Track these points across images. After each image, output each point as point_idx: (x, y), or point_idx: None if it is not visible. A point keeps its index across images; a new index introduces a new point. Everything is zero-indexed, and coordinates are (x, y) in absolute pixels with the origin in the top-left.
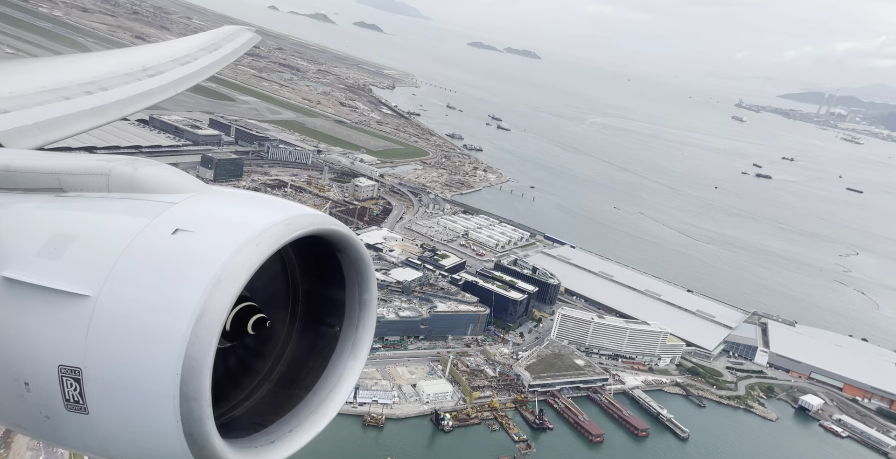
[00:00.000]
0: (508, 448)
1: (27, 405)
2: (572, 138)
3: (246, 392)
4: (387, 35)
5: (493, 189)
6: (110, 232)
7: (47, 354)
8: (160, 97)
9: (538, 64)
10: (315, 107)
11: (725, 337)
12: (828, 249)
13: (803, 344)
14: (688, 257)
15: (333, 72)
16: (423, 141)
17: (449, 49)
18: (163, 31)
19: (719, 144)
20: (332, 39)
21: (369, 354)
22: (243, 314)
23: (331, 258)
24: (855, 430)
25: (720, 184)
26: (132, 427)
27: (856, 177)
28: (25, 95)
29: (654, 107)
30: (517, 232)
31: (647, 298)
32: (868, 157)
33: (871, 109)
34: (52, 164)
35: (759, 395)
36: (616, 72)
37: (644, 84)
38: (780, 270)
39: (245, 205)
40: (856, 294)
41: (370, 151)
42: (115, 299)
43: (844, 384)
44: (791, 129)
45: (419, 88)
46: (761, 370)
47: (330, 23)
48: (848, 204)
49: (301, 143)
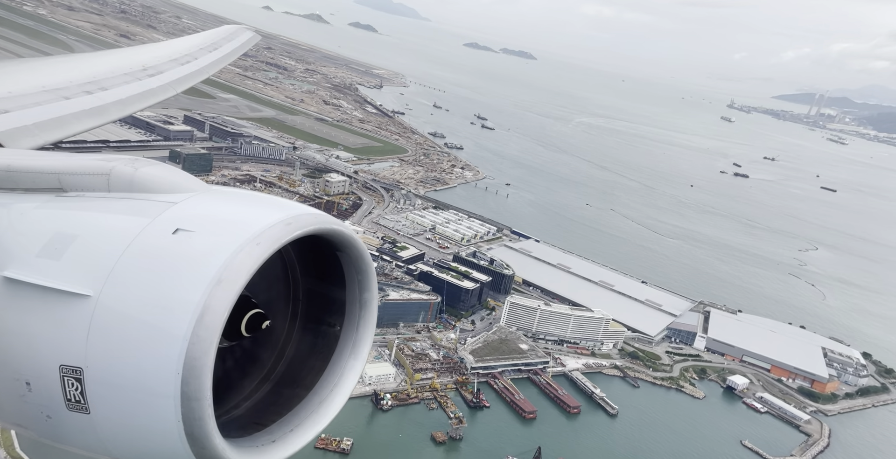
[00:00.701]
0: (444, 424)
1: (29, 405)
2: (556, 137)
3: (247, 392)
4: (381, 35)
5: (468, 186)
6: (111, 232)
7: (48, 354)
8: (160, 97)
9: (533, 64)
10: (297, 105)
11: (669, 324)
12: (789, 244)
13: (740, 330)
14: (650, 251)
15: (321, 71)
16: (403, 139)
17: (444, 50)
18: (149, 29)
19: (703, 144)
20: (324, 39)
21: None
22: (244, 314)
23: (331, 257)
24: (773, 406)
25: (696, 183)
26: (133, 427)
27: (833, 176)
28: (25, 95)
29: (644, 107)
30: (484, 227)
31: (601, 288)
32: (850, 157)
33: (863, 110)
34: (53, 164)
35: (691, 376)
36: (611, 72)
37: (638, 85)
38: (737, 264)
39: (245, 204)
40: (806, 286)
41: (348, 148)
42: (116, 299)
43: (772, 365)
44: (779, 130)
45: (407, 88)
46: (698, 354)
47: (324, 23)
48: (819, 202)
49: (277, 140)
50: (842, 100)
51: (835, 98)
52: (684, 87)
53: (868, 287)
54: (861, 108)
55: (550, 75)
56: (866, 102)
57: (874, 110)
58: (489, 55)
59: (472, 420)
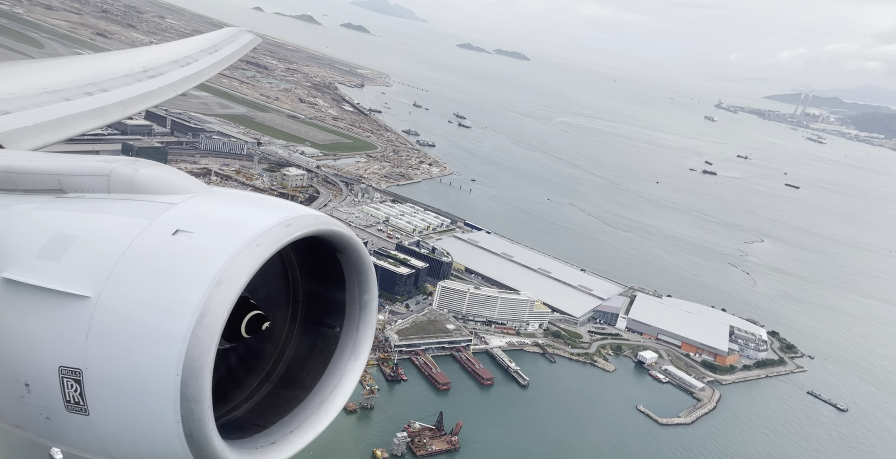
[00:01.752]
0: (358, 396)
1: (28, 406)
2: (532, 136)
3: (246, 393)
4: (372, 36)
5: (433, 181)
6: (111, 233)
7: (48, 355)
8: (161, 98)
9: (525, 65)
10: (271, 103)
11: (596, 306)
12: (737, 237)
13: (660, 311)
14: (600, 242)
15: (302, 70)
16: (376, 136)
17: (436, 50)
18: (129, 28)
19: (680, 143)
20: (312, 40)
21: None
22: (244, 315)
23: (331, 259)
24: (674, 376)
25: (663, 180)
26: (133, 428)
27: (801, 174)
28: (26, 96)
29: (631, 107)
30: (438, 219)
31: (538, 275)
32: (824, 156)
33: (852, 110)
34: (53, 165)
35: (607, 352)
36: (605, 73)
37: (630, 85)
38: (681, 254)
39: (245, 205)
40: (741, 274)
41: (315, 144)
42: (116, 300)
43: (682, 342)
44: (761, 130)
45: (390, 87)
46: (618, 333)
47: (316, 24)
48: (779, 198)
49: (242, 136)
50: (832, 100)
51: (825, 98)
52: (677, 88)
53: (798, 275)
54: (850, 108)
55: (541, 76)
56: (856, 103)
57: (863, 110)
58: (482, 56)
59: (389, 392)
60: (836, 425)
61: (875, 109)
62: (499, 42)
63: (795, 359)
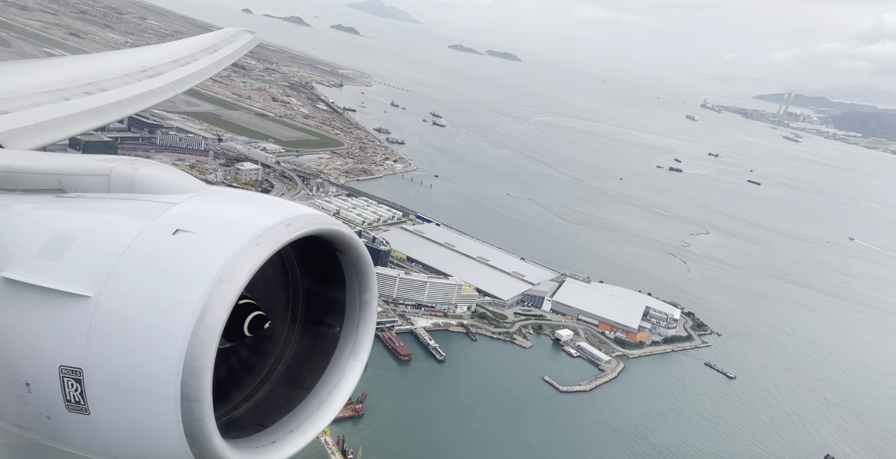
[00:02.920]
0: None
1: (28, 405)
2: (506, 135)
3: (247, 393)
4: (362, 38)
5: (395, 177)
6: (111, 233)
7: (48, 355)
8: (160, 98)
9: (516, 66)
10: (243, 101)
11: (525, 290)
12: (686, 229)
13: (585, 295)
14: (549, 234)
15: (281, 70)
16: (345, 134)
17: (426, 52)
18: (105, 29)
19: (655, 141)
20: (298, 41)
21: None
22: (244, 314)
23: (331, 258)
24: (585, 351)
25: (627, 177)
26: (133, 428)
27: (767, 171)
28: (25, 96)
29: (614, 107)
30: (390, 212)
31: (476, 263)
32: (795, 154)
33: (839, 109)
34: (53, 165)
35: (527, 331)
36: (597, 73)
37: (620, 85)
38: (625, 245)
39: (245, 205)
40: (678, 262)
41: (279, 141)
42: (116, 299)
43: (599, 321)
44: (742, 128)
45: (370, 87)
46: (543, 315)
47: (305, 26)
48: (737, 193)
49: (204, 133)
50: (819, 99)
51: (813, 98)
52: (668, 88)
53: (732, 263)
54: (837, 108)
55: (530, 76)
56: (843, 102)
57: (849, 109)
58: (473, 57)
59: None
60: (723, 390)
61: (861, 108)
62: (492, 43)
63: (704, 336)
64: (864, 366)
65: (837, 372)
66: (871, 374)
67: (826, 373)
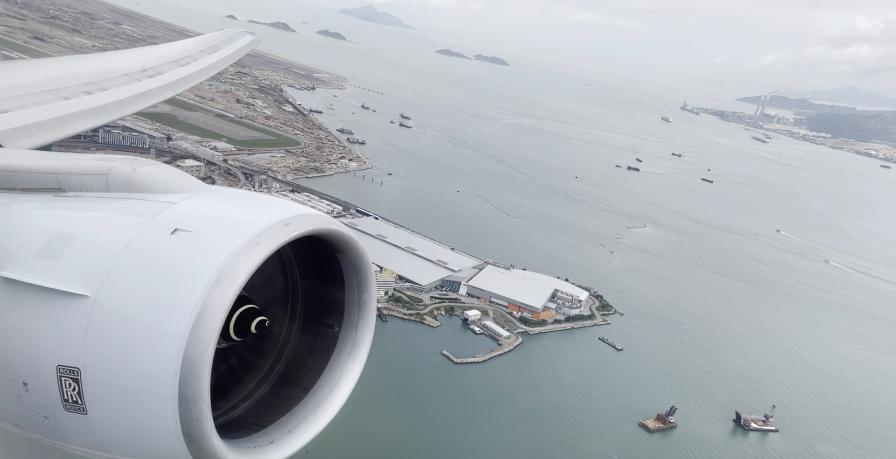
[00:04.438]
0: None
1: (26, 405)
2: (473, 136)
3: (245, 393)
4: (348, 43)
5: (347, 175)
6: (109, 232)
7: (46, 354)
8: (159, 97)
9: (503, 70)
10: (204, 103)
11: (445, 276)
12: (624, 223)
13: (500, 280)
14: (488, 227)
15: (253, 74)
16: (305, 134)
17: (413, 56)
18: (73, 33)
19: (622, 142)
20: (280, 47)
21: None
22: (242, 314)
23: (330, 258)
24: (488, 328)
25: (583, 175)
26: (131, 428)
27: (725, 170)
28: (25, 95)
29: (593, 109)
30: (330, 207)
31: (403, 252)
32: (759, 154)
33: (820, 111)
34: (51, 164)
35: (439, 312)
36: (582, 77)
37: (604, 89)
38: (560, 237)
39: (244, 205)
40: (606, 252)
41: (232, 140)
42: (114, 299)
43: (509, 303)
44: (715, 130)
45: (344, 90)
46: (458, 298)
47: (290, 31)
48: (687, 191)
49: (152, 132)
50: (801, 101)
51: (795, 99)
52: (656, 91)
53: (658, 253)
54: (818, 109)
55: (514, 80)
56: (824, 104)
57: (830, 111)
58: (460, 61)
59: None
60: (607, 359)
61: (839, 110)
62: (482, 47)
63: (607, 316)
64: (742, 339)
65: (717, 344)
66: (747, 345)
67: (706, 345)
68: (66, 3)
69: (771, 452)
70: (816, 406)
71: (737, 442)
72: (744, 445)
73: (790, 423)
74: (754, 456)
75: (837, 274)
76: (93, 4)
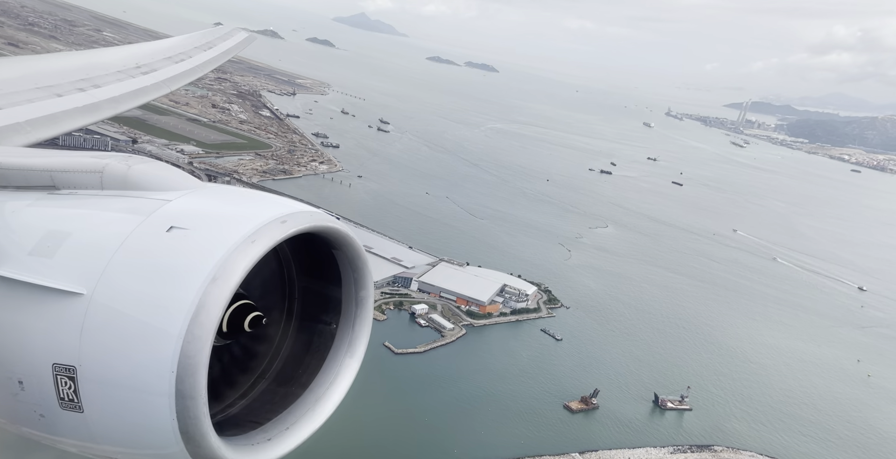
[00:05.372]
0: None
1: (21, 403)
2: (450, 140)
3: (242, 390)
4: (337, 50)
5: (316, 177)
6: (104, 230)
7: (41, 352)
8: (154, 94)
9: (491, 77)
10: (178, 107)
11: (398, 273)
12: (586, 224)
13: (451, 275)
14: (451, 227)
15: (233, 79)
16: (279, 138)
17: (402, 63)
18: (50, 40)
19: (600, 146)
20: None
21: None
22: (239, 311)
23: (327, 255)
24: (434, 321)
25: (555, 178)
26: (127, 426)
27: (697, 173)
28: (17, 92)
29: (577, 115)
30: None
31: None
32: (733, 158)
33: (803, 117)
34: (45, 162)
35: (387, 307)
36: (572, 83)
37: (592, 95)
38: (521, 236)
39: (241, 202)
40: (563, 251)
41: (201, 144)
42: (110, 297)
43: (457, 298)
44: (696, 135)
45: (325, 96)
46: (409, 293)
47: (279, 39)
48: (655, 193)
49: (117, 134)
50: (785, 107)
51: (779, 105)
52: (644, 97)
53: (614, 251)
54: (801, 115)
55: (502, 86)
56: (808, 110)
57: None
58: (450, 68)
59: None
60: (545, 349)
61: (822, 116)
62: (473, 54)
63: (554, 309)
64: (677, 329)
65: (651, 334)
66: (680, 334)
67: (642, 335)
68: (47, 11)
69: (681, 428)
70: (731, 387)
71: (653, 421)
72: (659, 423)
73: (704, 403)
74: (665, 432)
75: (782, 271)
76: (76, 12)
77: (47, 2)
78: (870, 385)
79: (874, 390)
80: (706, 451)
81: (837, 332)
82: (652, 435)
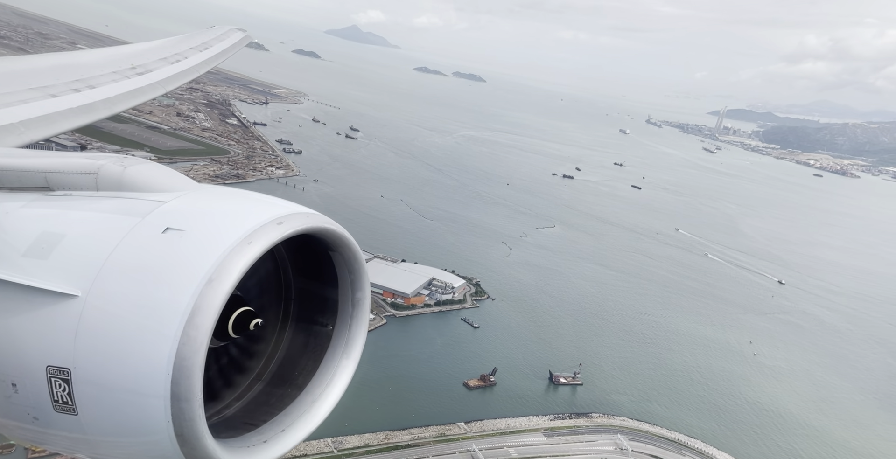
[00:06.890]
0: None
1: (14, 406)
2: (419, 147)
3: (238, 392)
4: (323, 61)
5: (270, 181)
6: (99, 232)
7: (35, 355)
8: (149, 95)
9: (477, 86)
10: (140, 116)
11: None
12: (535, 224)
13: (381, 270)
14: (398, 228)
15: (205, 89)
16: (240, 145)
17: (388, 73)
18: (19, 52)
19: (570, 153)
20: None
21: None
22: (235, 313)
23: (324, 257)
24: None
25: (516, 182)
26: (122, 428)
27: (660, 177)
28: (11, 93)
29: (555, 123)
30: None
31: None
32: (701, 163)
33: (784, 123)
34: (40, 163)
35: None
36: (557, 92)
37: (576, 103)
38: (466, 236)
39: (237, 203)
40: (505, 249)
41: (155, 150)
42: (105, 299)
43: (384, 291)
44: (670, 141)
45: (299, 105)
46: None
47: (264, 51)
48: (612, 196)
49: (65, 141)
50: (766, 114)
51: (760, 113)
52: (630, 106)
53: (555, 249)
54: (782, 122)
55: (486, 96)
56: (789, 117)
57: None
58: (437, 78)
59: None
60: (461, 336)
61: (797, 123)
62: (461, 65)
63: (480, 300)
64: (593, 317)
65: (565, 321)
66: (593, 321)
67: (555, 322)
68: (22, 24)
69: (569, 401)
70: (627, 367)
71: (545, 395)
72: (550, 396)
73: (597, 379)
74: (553, 404)
75: (710, 266)
76: (53, 25)
77: (24, 16)
78: (753, 362)
79: (755, 367)
80: (583, 417)
81: (740, 318)
82: (540, 407)
